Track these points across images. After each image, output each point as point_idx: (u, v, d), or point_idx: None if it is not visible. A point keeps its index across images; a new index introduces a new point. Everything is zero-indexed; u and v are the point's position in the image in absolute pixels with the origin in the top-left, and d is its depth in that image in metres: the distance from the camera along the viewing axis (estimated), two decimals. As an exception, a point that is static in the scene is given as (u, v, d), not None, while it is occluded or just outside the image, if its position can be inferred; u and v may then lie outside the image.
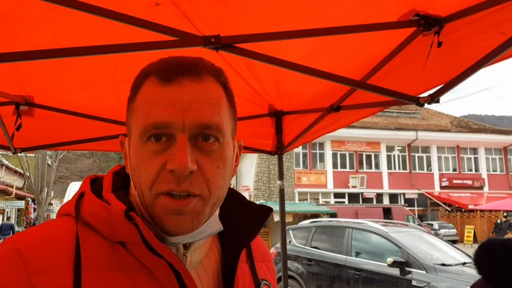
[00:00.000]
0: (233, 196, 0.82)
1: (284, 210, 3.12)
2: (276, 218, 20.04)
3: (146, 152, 0.65)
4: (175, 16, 1.69)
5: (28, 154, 23.05)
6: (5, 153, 28.90)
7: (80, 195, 0.72)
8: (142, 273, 0.67)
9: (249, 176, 29.27)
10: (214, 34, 1.39)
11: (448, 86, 1.52)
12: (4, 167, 28.18)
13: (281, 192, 3.15)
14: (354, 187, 28.66)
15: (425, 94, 1.66)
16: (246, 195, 29.05)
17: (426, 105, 1.65)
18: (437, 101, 1.58)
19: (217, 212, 0.75)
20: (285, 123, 3.03)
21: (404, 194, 29.46)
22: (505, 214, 24.03)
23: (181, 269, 0.67)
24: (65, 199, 13.86)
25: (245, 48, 1.48)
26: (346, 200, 28.37)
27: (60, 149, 2.90)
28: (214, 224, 0.73)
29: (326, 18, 1.65)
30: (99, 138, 2.85)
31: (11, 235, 21.39)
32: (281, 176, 3.15)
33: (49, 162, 24.18)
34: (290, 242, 8.25)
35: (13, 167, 28.54)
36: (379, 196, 29.00)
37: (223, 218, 0.78)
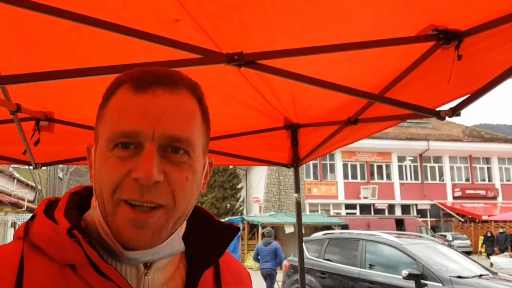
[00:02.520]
0: (200, 214, 0.79)
1: (301, 223, 3.11)
2: (288, 230, 19.92)
3: (112, 158, 0.63)
4: (194, 32, 1.72)
5: (44, 168, 23.23)
6: (16, 166, 29.24)
7: (32, 217, 0.69)
8: None
9: (259, 187, 29.19)
10: (237, 52, 1.42)
11: (470, 99, 1.52)
12: (15, 180, 28.49)
13: (298, 205, 3.15)
14: (365, 198, 28.41)
15: (445, 107, 1.67)
16: (256, 206, 29.01)
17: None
18: (458, 115, 1.59)
19: (180, 231, 0.71)
20: (301, 135, 3.05)
21: (416, 205, 29.12)
22: (502, 226, 23.41)
23: None
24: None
25: (266, 64, 1.50)
26: (357, 211, 28.13)
27: (79, 164, 2.94)
28: (175, 244, 0.69)
29: (344, 34, 1.67)
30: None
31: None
32: (297, 189, 3.15)
33: (60, 175, 24.39)
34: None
35: (24, 180, 28.83)
36: (391, 207, 28.70)
37: (189, 238, 0.75)
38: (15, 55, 1.81)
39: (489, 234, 21.66)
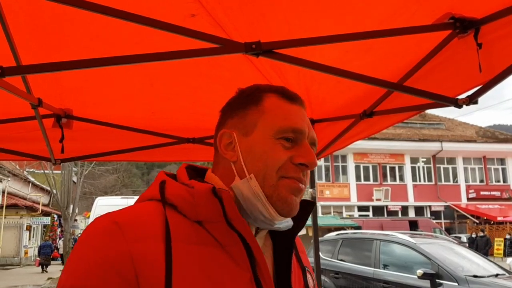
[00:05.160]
0: None
1: (317, 219, 3.12)
2: (301, 232, 19.91)
3: (278, 146, 0.81)
4: (210, 26, 1.75)
5: (54, 171, 23.58)
6: (31, 170, 29.64)
7: (162, 183, 0.82)
8: (217, 248, 0.76)
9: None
10: (255, 41, 1.44)
11: (487, 86, 1.52)
12: (30, 184, 28.88)
13: (313, 200, 3.15)
14: (378, 200, 28.21)
15: (463, 96, 1.67)
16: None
17: (454, 117, 1.65)
18: (475, 102, 1.59)
19: None
20: (316, 131, 3.03)
21: (430, 206, 28.82)
22: (481, 229, 22.86)
23: (253, 244, 0.77)
24: (92, 213, 14.08)
25: (284, 53, 1.52)
26: (370, 213, 27.93)
27: (97, 159, 2.99)
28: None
29: (361, 23, 1.68)
30: (134, 148, 2.92)
31: (50, 253, 21.45)
32: (312, 184, 3.16)
33: (74, 179, 24.67)
34: (316, 254, 8.18)
35: (39, 184, 29.21)
36: (404, 209, 28.44)
37: None
38: (35, 46, 1.85)
39: (474, 235, 21.11)
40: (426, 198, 28.78)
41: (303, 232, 19.66)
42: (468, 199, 29.16)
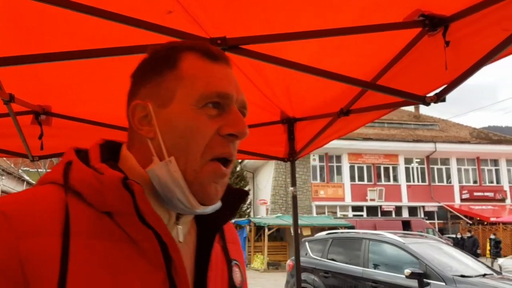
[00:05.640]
0: None
1: (297, 217, 3.12)
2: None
3: (202, 116, 0.69)
4: (186, 22, 1.74)
5: (48, 170, 23.42)
6: (26, 169, 29.48)
7: (67, 164, 0.71)
8: (127, 244, 0.67)
9: (266, 189, 29.19)
10: (221, 36, 1.43)
11: (453, 84, 1.52)
12: (25, 183, 28.75)
13: (294, 198, 3.15)
14: (372, 200, 28.27)
15: (432, 94, 1.67)
16: (263, 208, 29.00)
17: (448, 118, 1.65)
18: (443, 100, 1.59)
19: None
20: (297, 129, 3.05)
21: (423, 207, 28.90)
22: (469, 229, 22.89)
23: (169, 241, 0.68)
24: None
25: (251, 49, 1.52)
26: (364, 213, 27.99)
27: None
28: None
29: (332, 20, 1.68)
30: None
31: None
32: (293, 183, 3.15)
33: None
34: (306, 254, 8.18)
35: (34, 182, 29.10)
36: (398, 209, 28.51)
37: None
38: (7, 40, 1.83)
39: (459, 236, 21.28)
40: (419, 199, 28.87)
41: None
42: (462, 199, 29.26)
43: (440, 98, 1.60)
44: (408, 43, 1.71)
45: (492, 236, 22.30)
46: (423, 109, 35.34)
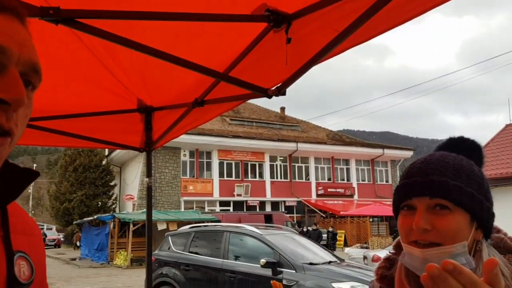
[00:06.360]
0: None
1: (151, 209, 3.04)
2: (160, 227, 19.51)
3: None
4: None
5: None
6: None
7: None
8: None
9: (133, 185, 28.17)
10: (54, 6, 1.30)
11: (291, 79, 1.62)
12: None
13: (149, 190, 3.06)
14: (239, 195, 29.30)
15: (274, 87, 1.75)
16: (130, 204, 27.87)
17: (308, 119, 1.74)
18: (284, 93, 1.69)
19: None
20: (155, 119, 2.97)
21: (284, 201, 30.98)
22: (314, 222, 25.51)
23: None
24: None
25: (90, 24, 1.41)
26: (231, 208, 28.85)
27: None
28: None
29: (183, 4, 1.65)
30: None
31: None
32: (149, 174, 3.06)
33: None
34: (169, 248, 8.09)
35: None
36: (262, 204, 30.07)
37: None
38: None
39: (305, 229, 23.42)
40: (281, 194, 30.86)
41: (163, 227, 19.30)
42: (317, 195, 32.11)
43: (280, 91, 1.69)
44: (256, 37, 1.77)
45: (330, 229, 24.85)
46: (288, 111, 37.76)
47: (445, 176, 0.86)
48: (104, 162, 33.50)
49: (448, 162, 0.89)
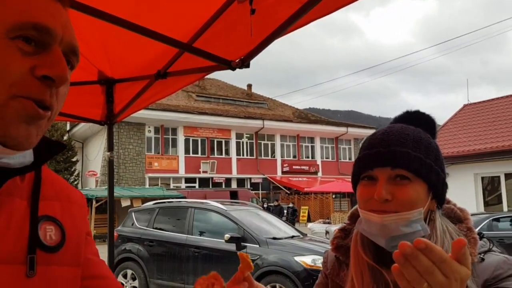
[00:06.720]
0: None
1: (113, 183, 2.98)
2: (124, 203, 19.30)
3: (12, 49, 0.59)
4: None
5: None
6: None
7: None
8: None
9: (96, 161, 27.56)
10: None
11: (255, 50, 1.61)
12: None
13: (110, 163, 3.00)
14: (205, 172, 29.25)
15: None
16: (92, 180, 27.28)
17: (274, 97, 1.73)
18: (247, 66, 1.67)
19: None
20: (117, 91, 2.89)
21: (250, 178, 31.21)
22: (275, 198, 25.91)
23: None
24: None
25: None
26: (197, 185, 28.81)
27: None
28: (30, 153, 0.71)
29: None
30: None
31: None
32: (110, 147, 3.00)
33: None
34: (132, 224, 8.03)
35: None
36: (228, 181, 30.18)
37: None
38: None
39: (265, 206, 23.70)
40: (247, 171, 31.05)
41: (127, 203, 19.10)
42: (283, 172, 32.52)
43: (244, 63, 1.68)
44: (220, 7, 1.74)
45: (290, 205, 25.30)
46: (255, 88, 37.62)
47: (406, 147, 0.88)
48: (65, 138, 32.54)
49: (408, 134, 0.91)
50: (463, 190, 13.73)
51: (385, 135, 0.91)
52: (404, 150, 0.87)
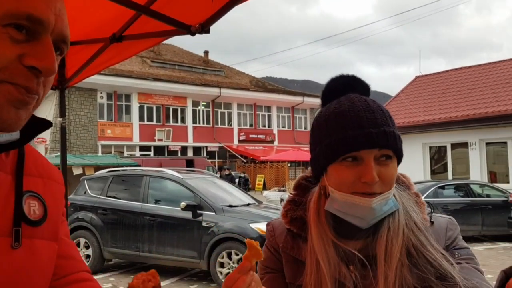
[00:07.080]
0: None
1: (66, 151, 2.88)
2: (76, 171, 18.76)
3: (1, 35, 0.60)
4: None
5: None
6: None
7: None
8: None
9: (44, 127, 26.41)
10: None
11: (216, 15, 1.58)
12: None
13: (63, 130, 2.89)
14: (160, 140, 28.82)
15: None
16: (42, 148, 26.22)
17: (231, 65, 1.69)
18: (207, 31, 1.64)
19: None
20: (69, 54, 2.75)
21: (207, 147, 31.13)
22: (226, 167, 26.25)
23: None
24: None
25: None
26: (151, 153, 28.40)
27: None
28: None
29: None
30: None
31: None
32: (62, 113, 2.88)
33: None
34: (85, 192, 7.85)
35: None
36: (184, 149, 29.95)
37: None
38: None
39: (218, 175, 23.79)
40: (204, 139, 30.90)
41: (79, 171, 18.58)
42: (239, 141, 32.65)
43: (204, 29, 1.64)
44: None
45: (242, 175, 25.63)
46: (212, 55, 36.95)
47: (389, 126, 0.85)
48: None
49: (382, 109, 0.87)
50: (412, 159, 14.44)
51: (368, 113, 0.84)
52: (390, 130, 0.84)
